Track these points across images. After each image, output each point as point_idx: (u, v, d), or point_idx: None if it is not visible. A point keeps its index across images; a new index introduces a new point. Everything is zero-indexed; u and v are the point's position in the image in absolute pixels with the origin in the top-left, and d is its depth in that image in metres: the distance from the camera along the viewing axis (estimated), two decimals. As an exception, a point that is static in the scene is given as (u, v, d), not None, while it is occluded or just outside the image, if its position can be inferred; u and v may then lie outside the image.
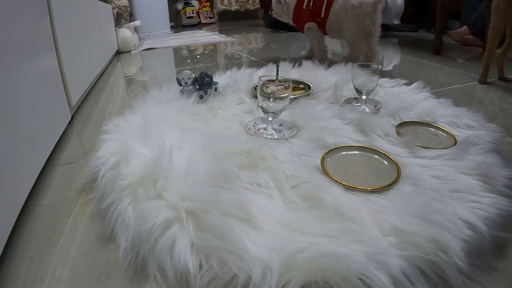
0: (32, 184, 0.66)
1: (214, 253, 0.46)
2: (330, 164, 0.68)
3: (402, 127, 0.85)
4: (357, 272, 0.42)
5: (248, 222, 0.51)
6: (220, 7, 3.90)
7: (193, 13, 3.81)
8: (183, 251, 0.47)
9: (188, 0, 3.83)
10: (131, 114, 0.92)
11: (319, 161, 0.68)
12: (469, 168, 0.64)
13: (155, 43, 2.58)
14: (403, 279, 0.42)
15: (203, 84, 1.03)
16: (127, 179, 0.61)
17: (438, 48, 1.76)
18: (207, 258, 0.46)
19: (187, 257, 0.46)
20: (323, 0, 1.50)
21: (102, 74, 1.66)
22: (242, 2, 3.96)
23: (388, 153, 0.70)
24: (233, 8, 3.94)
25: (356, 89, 0.97)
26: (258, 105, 0.85)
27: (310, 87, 1.13)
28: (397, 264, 0.43)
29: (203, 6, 3.93)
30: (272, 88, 0.84)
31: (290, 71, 1.34)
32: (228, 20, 4.10)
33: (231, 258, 0.45)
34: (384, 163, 0.68)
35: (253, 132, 0.84)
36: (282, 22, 1.75)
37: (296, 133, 0.82)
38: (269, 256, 0.45)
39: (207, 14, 3.95)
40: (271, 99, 0.80)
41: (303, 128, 0.83)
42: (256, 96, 0.95)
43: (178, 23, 3.88)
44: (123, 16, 2.59)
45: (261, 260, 0.44)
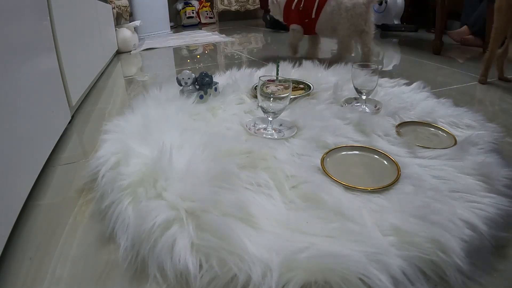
0: (32, 184, 0.66)
1: (214, 253, 0.46)
2: (330, 164, 0.68)
3: (402, 127, 0.85)
4: (357, 272, 0.42)
5: (248, 222, 0.51)
6: (220, 7, 3.90)
7: (193, 13, 3.81)
8: (183, 251, 0.47)
9: (188, 0, 3.83)
10: (131, 114, 0.92)
11: (319, 161, 0.68)
12: (469, 168, 0.64)
13: (155, 43, 2.58)
14: (403, 279, 0.42)
15: (203, 84, 1.03)
16: (127, 179, 0.61)
17: (438, 48, 1.76)
18: (207, 258, 0.46)
19: (187, 257, 0.46)
20: (314, 1, 1.53)
21: (102, 74, 1.66)
22: (242, 2, 3.96)
23: (388, 153, 0.70)
24: (233, 8, 3.94)
25: (356, 89, 0.97)
26: (258, 105, 0.85)
27: (310, 87, 1.13)
28: (397, 264, 0.43)
29: (203, 6, 3.93)
30: (272, 88, 0.84)
31: (290, 71, 1.34)
32: (228, 20, 4.10)
33: (231, 258, 0.45)
34: (384, 163, 0.68)
35: (253, 132, 0.84)
36: (282, 22, 1.78)
37: (296, 133, 0.82)
38: (269, 256, 0.45)
39: (207, 14, 3.95)
40: (271, 99, 0.80)
41: (303, 128, 0.83)
42: (256, 96, 0.95)
43: (178, 23, 3.88)
44: (123, 16, 2.59)
45: (261, 260, 0.44)
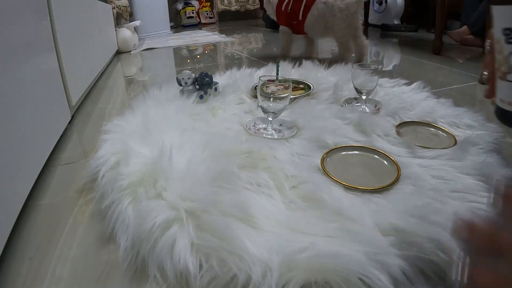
0: (32, 184, 0.66)
1: (214, 253, 0.46)
2: (330, 164, 0.68)
3: (402, 127, 0.85)
4: (357, 272, 0.42)
5: (248, 222, 0.51)
6: (220, 7, 3.90)
7: (193, 13, 3.81)
8: (183, 251, 0.47)
9: (188, 0, 3.83)
10: (131, 114, 0.92)
11: (319, 161, 0.68)
12: (469, 168, 0.63)
13: (155, 43, 2.58)
14: (403, 279, 0.42)
15: (203, 84, 1.03)
16: (127, 179, 0.61)
17: (438, 48, 1.76)
18: (207, 258, 0.46)
19: (187, 257, 0.46)
20: (301, 4, 1.56)
21: (102, 74, 1.66)
22: (242, 2, 3.96)
23: (388, 153, 0.70)
24: (233, 8, 3.94)
25: (356, 89, 0.97)
26: (258, 105, 0.85)
27: (310, 87, 1.13)
28: (397, 264, 0.43)
29: (203, 6, 3.93)
30: (272, 88, 0.84)
31: (290, 71, 1.34)
32: (228, 20, 4.10)
33: (231, 258, 0.45)
34: (384, 163, 0.68)
35: (253, 132, 0.84)
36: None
37: (296, 133, 0.82)
38: (269, 256, 0.44)
39: (207, 14, 3.95)
40: (271, 99, 0.80)
41: (303, 128, 0.83)
42: (256, 96, 0.95)
43: (178, 23, 3.88)
44: (123, 16, 2.59)
45: (261, 260, 0.44)
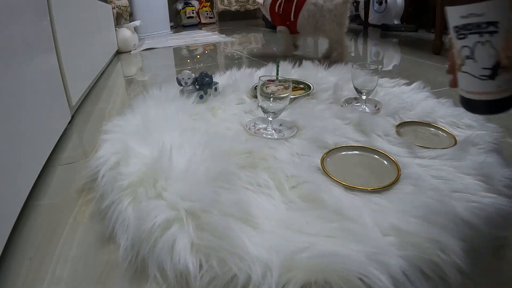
0: (32, 184, 0.66)
1: (214, 253, 0.46)
2: (330, 164, 0.68)
3: (402, 127, 0.85)
4: (357, 272, 0.42)
5: (248, 222, 0.51)
6: (220, 7, 3.90)
7: (193, 13, 3.81)
8: (183, 251, 0.47)
9: (188, 0, 3.83)
10: (131, 114, 0.92)
11: (319, 161, 0.68)
12: (469, 168, 0.63)
13: (155, 43, 2.58)
14: (403, 279, 0.42)
15: (203, 84, 1.03)
16: (127, 179, 0.61)
17: (438, 48, 1.76)
18: (207, 258, 0.46)
19: (187, 257, 0.46)
20: (292, 5, 1.61)
21: (102, 74, 1.66)
22: (242, 2, 3.96)
23: (388, 153, 0.70)
24: (233, 8, 3.94)
25: (356, 89, 0.97)
26: (258, 105, 0.85)
27: (310, 87, 1.13)
28: (397, 264, 0.43)
29: (203, 6, 3.93)
30: (272, 88, 0.84)
31: (290, 71, 1.34)
32: (228, 20, 4.10)
33: (231, 258, 0.45)
34: (384, 163, 0.68)
35: (253, 132, 0.84)
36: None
37: (296, 133, 0.82)
38: (269, 256, 0.44)
39: (207, 14, 3.95)
40: (271, 99, 0.80)
41: (303, 128, 0.83)
42: (256, 96, 0.95)
43: (178, 23, 3.88)
44: (123, 16, 2.59)
45: (261, 260, 0.44)
